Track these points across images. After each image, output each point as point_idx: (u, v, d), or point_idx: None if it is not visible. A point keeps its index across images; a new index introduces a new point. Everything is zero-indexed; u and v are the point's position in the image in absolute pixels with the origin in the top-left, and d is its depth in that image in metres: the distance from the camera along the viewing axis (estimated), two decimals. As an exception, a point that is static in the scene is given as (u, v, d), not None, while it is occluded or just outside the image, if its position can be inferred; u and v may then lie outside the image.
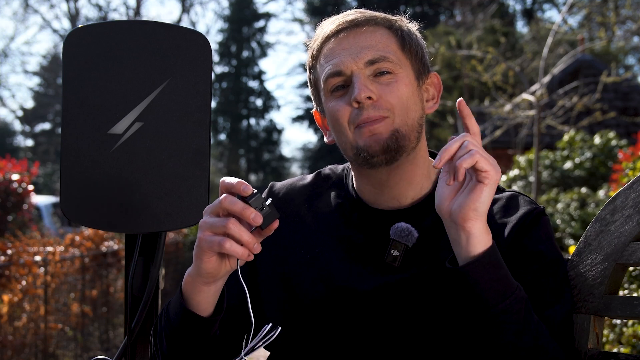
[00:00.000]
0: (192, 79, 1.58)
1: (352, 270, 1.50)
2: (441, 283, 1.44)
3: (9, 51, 38.82)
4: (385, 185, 1.52)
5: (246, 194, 1.28)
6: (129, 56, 1.58)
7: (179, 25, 1.61)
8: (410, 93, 1.50)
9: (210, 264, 1.34)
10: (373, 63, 1.48)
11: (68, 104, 1.59)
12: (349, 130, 1.49)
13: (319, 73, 1.54)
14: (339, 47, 1.50)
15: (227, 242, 1.28)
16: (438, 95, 1.59)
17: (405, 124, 1.48)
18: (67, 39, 1.60)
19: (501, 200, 1.52)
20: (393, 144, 1.46)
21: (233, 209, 1.28)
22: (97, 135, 1.58)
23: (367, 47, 1.49)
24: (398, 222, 1.49)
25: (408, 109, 1.48)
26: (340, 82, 1.49)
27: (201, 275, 1.37)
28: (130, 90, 1.58)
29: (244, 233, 1.28)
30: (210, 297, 1.41)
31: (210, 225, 1.30)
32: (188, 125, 1.57)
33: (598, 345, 1.50)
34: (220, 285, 1.40)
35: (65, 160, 1.59)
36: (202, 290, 1.39)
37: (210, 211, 1.32)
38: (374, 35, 1.51)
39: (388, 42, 1.51)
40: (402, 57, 1.51)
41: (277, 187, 1.68)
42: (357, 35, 1.50)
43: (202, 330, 1.43)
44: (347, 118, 1.48)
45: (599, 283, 1.49)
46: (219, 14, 41.55)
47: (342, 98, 1.49)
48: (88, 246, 6.77)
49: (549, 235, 1.50)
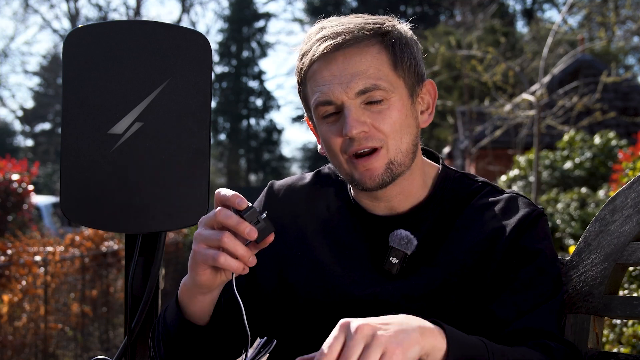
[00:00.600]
0: (192, 79, 1.58)
1: (349, 276, 1.50)
2: (439, 292, 1.44)
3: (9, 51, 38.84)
4: (381, 199, 1.52)
5: (241, 208, 1.27)
6: (129, 56, 1.58)
7: (179, 25, 1.61)
8: (404, 117, 1.46)
9: (205, 276, 1.33)
10: (364, 92, 1.43)
11: (68, 104, 1.59)
12: (342, 158, 1.47)
13: (308, 94, 1.50)
14: (327, 73, 1.44)
15: (222, 257, 1.27)
16: (433, 102, 1.55)
17: (399, 152, 1.46)
18: (67, 39, 1.60)
19: (501, 202, 1.51)
20: (388, 177, 1.45)
21: (227, 223, 1.26)
22: (97, 135, 1.58)
23: (357, 74, 1.43)
24: (397, 229, 1.49)
25: (402, 134, 1.45)
26: (331, 110, 1.46)
27: (196, 286, 1.37)
28: (130, 90, 1.58)
29: (239, 247, 1.27)
30: (206, 307, 1.41)
31: (204, 238, 1.29)
32: (188, 125, 1.57)
33: (598, 345, 1.50)
34: (217, 294, 1.40)
35: (65, 160, 1.59)
36: (198, 300, 1.39)
37: (205, 223, 1.31)
38: (364, 58, 1.44)
39: (379, 64, 1.44)
40: (394, 79, 1.46)
41: (277, 186, 1.66)
42: (347, 58, 1.44)
43: (199, 338, 1.43)
44: (340, 147, 1.46)
45: (598, 283, 1.49)
46: (219, 14, 41.56)
47: (334, 125, 1.46)
48: (88, 246, 6.77)
49: (546, 234, 1.50)
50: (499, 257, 1.44)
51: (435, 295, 1.45)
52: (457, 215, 1.51)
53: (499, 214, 1.50)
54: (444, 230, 1.50)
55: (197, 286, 1.36)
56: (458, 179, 1.57)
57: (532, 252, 1.45)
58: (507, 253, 1.44)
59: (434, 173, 1.57)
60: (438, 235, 1.48)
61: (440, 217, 1.51)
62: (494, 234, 1.45)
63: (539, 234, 1.47)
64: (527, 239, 1.46)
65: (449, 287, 1.45)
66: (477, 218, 1.49)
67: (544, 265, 1.45)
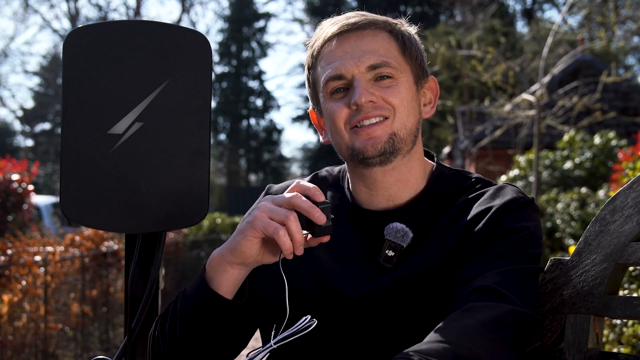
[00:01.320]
0: (192, 79, 1.59)
1: (346, 273, 1.51)
2: (434, 284, 1.45)
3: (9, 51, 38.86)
4: (380, 185, 1.53)
5: (319, 200, 1.32)
6: (129, 56, 1.58)
7: (179, 25, 1.61)
8: (410, 97, 1.51)
9: (251, 243, 1.35)
10: (375, 68, 1.48)
11: (68, 104, 1.59)
12: (344, 131, 1.50)
13: (319, 74, 1.54)
14: (340, 50, 1.50)
15: (282, 230, 1.30)
16: (435, 99, 1.60)
17: (404, 127, 1.49)
18: (67, 39, 1.60)
19: (490, 190, 1.53)
20: (389, 147, 1.48)
21: (302, 205, 1.31)
22: (97, 135, 1.58)
23: (368, 51, 1.49)
24: (392, 222, 1.50)
25: (408, 111, 1.50)
26: (341, 85, 1.50)
27: (233, 253, 1.38)
28: (130, 90, 1.58)
29: (299, 231, 1.31)
30: (232, 281, 1.41)
31: (270, 209, 1.32)
32: (188, 125, 1.57)
33: (598, 345, 1.50)
34: (244, 275, 1.42)
35: (65, 160, 1.59)
36: (226, 270, 1.40)
37: (274, 199, 1.34)
38: (375, 39, 1.51)
39: (389, 46, 1.51)
40: (402, 62, 1.52)
41: (275, 189, 1.69)
42: (359, 38, 1.51)
43: (220, 313, 1.43)
44: (344, 120, 1.49)
45: (598, 283, 1.50)
46: (219, 14, 41.58)
47: (341, 100, 1.50)
48: (88, 246, 6.77)
49: (532, 219, 1.47)
50: (481, 233, 1.44)
51: (428, 286, 1.45)
52: (450, 210, 1.52)
53: (487, 199, 1.50)
54: (435, 221, 1.51)
55: (234, 253, 1.37)
56: (452, 175, 1.59)
57: (513, 229, 1.43)
58: (488, 230, 1.44)
59: (430, 169, 1.60)
60: (429, 227, 1.50)
61: (433, 211, 1.53)
62: (478, 215, 1.47)
63: (523, 216, 1.46)
64: (510, 219, 1.44)
65: (435, 273, 1.45)
66: (466, 207, 1.50)
67: (523, 241, 1.42)
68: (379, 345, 1.46)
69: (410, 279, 1.46)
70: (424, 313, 1.44)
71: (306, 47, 1.60)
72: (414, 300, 1.45)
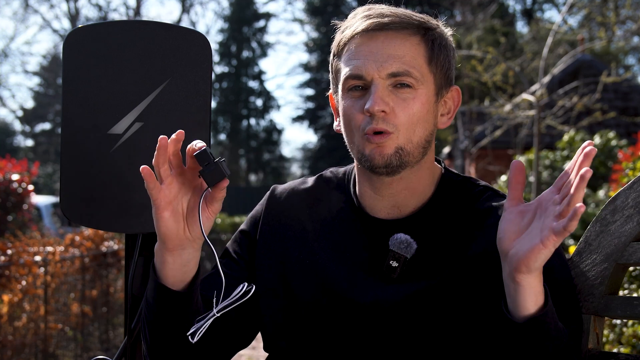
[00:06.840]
0: (192, 79, 1.59)
1: (350, 280, 1.50)
2: (440, 297, 1.44)
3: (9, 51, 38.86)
4: (386, 192, 1.52)
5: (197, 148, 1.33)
6: (129, 56, 1.58)
7: (179, 25, 1.61)
8: (425, 111, 1.48)
9: (163, 221, 1.35)
10: (395, 76, 1.45)
11: (68, 104, 1.59)
12: (357, 135, 1.48)
13: (341, 66, 1.52)
14: (365, 49, 1.47)
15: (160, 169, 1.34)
16: (455, 109, 1.57)
17: (409, 142, 1.46)
18: (67, 39, 1.60)
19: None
20: (396, 160, 1.46)
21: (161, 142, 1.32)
22: (97, 135, 1.58)
23: (393, 56, 1.45)
24: (397, 233, 1.49)
25: (415, 128, 1.47)
26: (360, 84, 1.48)
27: (160, 240, 1.37)
28: (130, 90, 1.58)
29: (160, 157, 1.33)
30: (177, 270, 1.40)
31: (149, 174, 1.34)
32: (188, 125, 1.57)
33: (598, 345, 1.50)
34: (185, 261, 1.40)
35: (65, 160, 1.59)
36: (166, 261, 1.39)
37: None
38: (404, 44, 1.47)
39: (416, 54, 1.47)
40: (426, 72, 1.48)
41: (279, 190, 1.67)
42: (387, 39, 1.47)
43: (176, 307, 1.41)
44: (359, 124, 1.47)
45: (599, 283, 1.49)
46: (219, 14, 41.58)
47: (357, 100, 1.48)
48: (88, 246, 6.77)
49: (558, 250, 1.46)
50: None
51: (433, 298, 1.44)
52: (459, 220, 1.50)
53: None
54: (445, 233, 1.49)
55: (161, 239, 1.37)
56: (460, 182, 1.57)
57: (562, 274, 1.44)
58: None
59: (438, 174, 1.58)
60: (439, 239, 1.48)
61: (442, 220, 1.51)
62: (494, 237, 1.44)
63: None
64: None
65: (448, 291, 1.44)
66: (479, 224, 1.48)
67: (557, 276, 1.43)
68: (388, 350, 1.45)
69: (419, 294, 1.45)
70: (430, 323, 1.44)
71: (336, 29, 1.56)
72: (421, 309, 1.44)
